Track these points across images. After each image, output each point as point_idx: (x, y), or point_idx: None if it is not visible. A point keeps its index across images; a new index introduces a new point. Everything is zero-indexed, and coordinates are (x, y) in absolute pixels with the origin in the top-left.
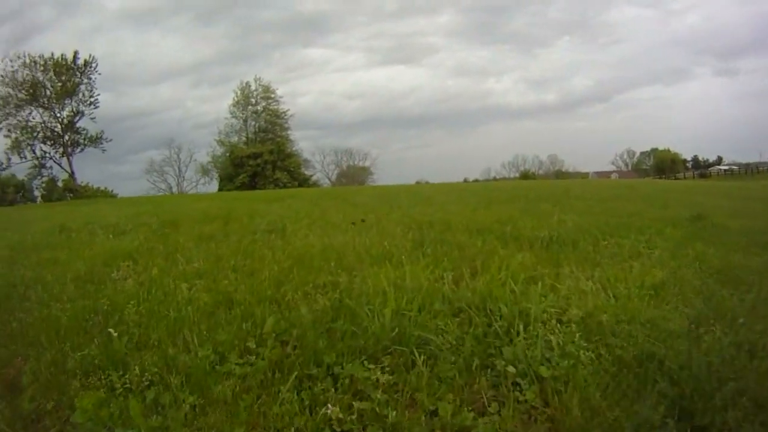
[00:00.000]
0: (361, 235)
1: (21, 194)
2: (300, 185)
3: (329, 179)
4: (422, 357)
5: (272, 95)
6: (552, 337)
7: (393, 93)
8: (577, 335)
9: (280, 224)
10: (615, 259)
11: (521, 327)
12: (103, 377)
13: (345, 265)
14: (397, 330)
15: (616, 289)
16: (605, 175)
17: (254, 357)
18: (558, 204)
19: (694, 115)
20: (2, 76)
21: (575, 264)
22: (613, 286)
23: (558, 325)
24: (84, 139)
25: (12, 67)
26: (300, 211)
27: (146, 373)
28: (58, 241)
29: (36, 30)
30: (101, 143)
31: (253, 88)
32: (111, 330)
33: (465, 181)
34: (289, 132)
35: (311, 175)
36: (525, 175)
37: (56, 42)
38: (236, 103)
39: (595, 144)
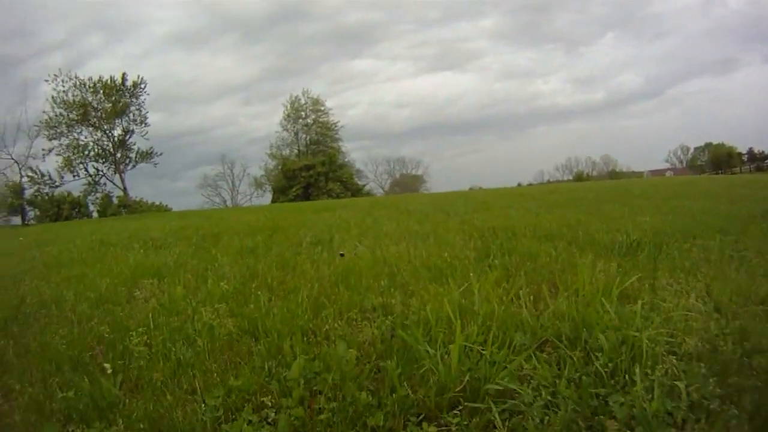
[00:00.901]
0: (417, 246)
1: (77, 210)
2: (353, 195)
3: (382, 188)
4: (503, 415)
5: (321, 108)
6: (678, 384)
7: (441, 100)
8: (711, 380)
9: (327, 235)
10: (710, 265)
11: (631, 365)
12: (83, 428)
13: (398, 283)
14: (468, 376)
15: (727, 305)
16: (659, 173)
17: (273, 413)
18: (624, 205)
19: (746, 105)
20: (54, 98)
21: (668, 273)
22: (723, 302)
23: (676, 361)
24: (135, 156)
25: (63, 89)
26: (350, 221)
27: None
28: (92, 257)
29: (87, 57)
30: (152, 158)
31: (302, 101)
32: (106, 365)
33: (519, 185)
34: (340, 143)
35: (364, 185)
36: (579, 177)
37: (108, 67)
38: (286, 117)
39: (647, 142)
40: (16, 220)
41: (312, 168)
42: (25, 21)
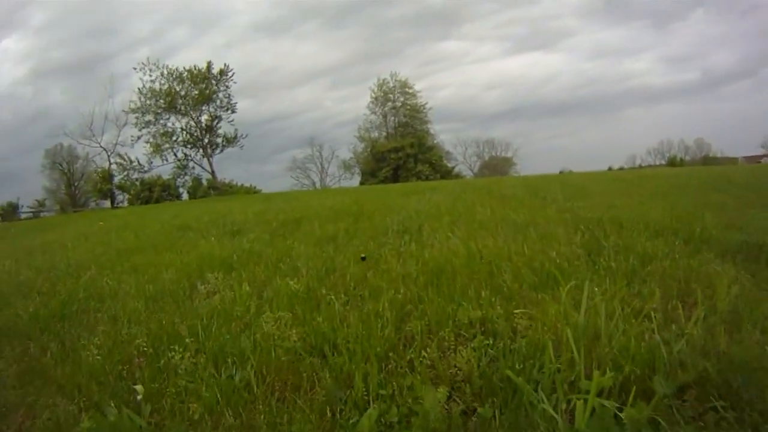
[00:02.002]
0: (517, 238)
1: (167, 192)
2: (442, 177)
3: (471, 171)
4: None
5: (410, 90)
6: None
7: (532, 81)
8: None
9: (415, 222)
10: None
11: None
12: None
13: (497, 286)
14: None
15: None
16: (755, 159)
17: None
18: (730, 195)
19: None
20: (140, 88)
21: None
22: None
23: None
24: (222, 141)
25: (151, 78)
26: (441, 206)
27: None
28: (166, 243)
29: (174, 49)
30: (237, 142)
31: (390, 84)
32: (138, 388)
33: (610, 169)
34: (429, 125)
35: (453, 167)
36: (672, 162)
37: (195, 58)
38: (374, 100)
39: (742, 125)
40: (106, 203)
41: (401, 150)
42: (111, 19)
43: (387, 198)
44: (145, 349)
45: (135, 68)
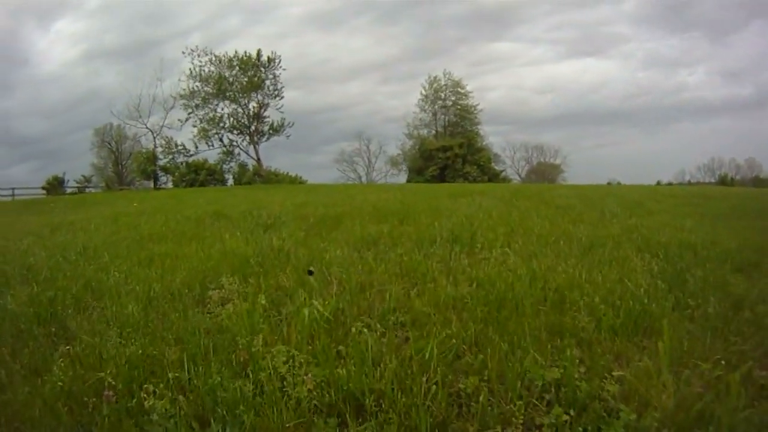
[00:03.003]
0: (584, 261)
1: (212, 177)
2: (490, 180)
3: (519, 175)
4: None
5: (461, 90)
6: None
7: (583, 87)
8: None
9: (467, 230)
10: None
11: None
12: None
13: (570, 327)
14: None
15: None
16: None
17: None
18: None
19: None
20: (190, 71)
21: None
22: None
23: None
24: (268, 129)
25: (200, 63)
26: (492, 212)
27: None
28: (192, 232)
29: (226, 37)
30: (284, 131)
31: (442, 82)
32: None
33: (658, 183)
34: (479, 126)
35: (501, 171)
36: (723, 181)
37: (246, 47)
38: (424, 98)
39: None
40: (150, 184)
41: (449, 149)
42: (165, 5)
43: (434, 199)
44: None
45: (183, 53)
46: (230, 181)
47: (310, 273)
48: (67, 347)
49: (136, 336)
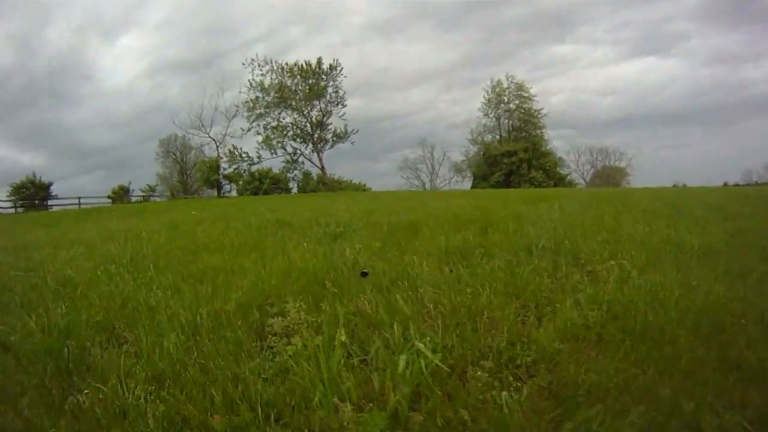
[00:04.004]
0: (713, 273)
1: (276, 185)
2: (555, 185)
3: (584, 179)
4: None
5: (525, 93)
6: None
7: (646, 88)
8: None
9: (560, 237)
10: None
11: None
12: None
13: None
14: None
15: None
16: None
17: None
18: None
19: None
20: (250, 81)
21: None
22: None
23: None
24: (332, 136)
25: (261, 73)
26: (580, 218)
27: None
28: (252, 241)
29: (289, 47)
30: (348, 138)
31: (505, 86)
32: None
33: (725, 185)
34: (543, 130)
35: (567, 174)
36: None
37: (310, 56)
38: (488, 102)
39: None
40: (214, 193)
41: (514, 154)
42: (227, 18)
43: (510, 204)
44: None
45: (244, 64)
46: (294, 190)
47: (364, 275)
48: (77, 398)
49: (172, 386)
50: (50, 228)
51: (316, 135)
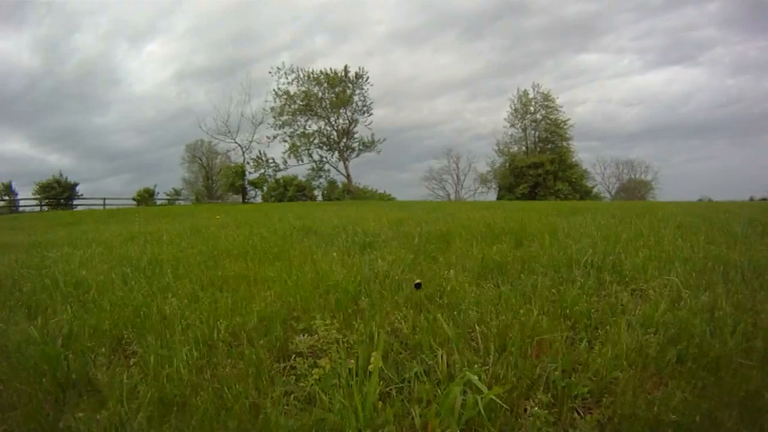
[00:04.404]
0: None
1: (302, 193)
2: (581, 198)
3: (609, 192)
4: None
5: (552, 103)
6: None
7: (672, 98)
8: None
9: (602, 253)
10: None
11: None
12: None
13: None
14: None
15: None
16: None
17: None
18: None
19: None
20: (276, 90)
21: None
22: None
23: None
24: (358, 145)
25: (287, 81)
26: (616, 231)
27: None
28: (277, 248)
29: (314, 56)
30: (374, 147)
31: (531, 95)
32: None
33: (751, 199)
34: (570, 142)
35: (592, 187)
36: None
37: (335, 65)
38: (514, 112)
39: None
40: (238, 198)
41: (540, 166)
42: (252, 27)
43: (543, 216)
44: None
45: (270, 72)
46: (319, 197)
47: (418, 286)
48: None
49: (180, 412)
50: (71, 227)
51: (342, 143)
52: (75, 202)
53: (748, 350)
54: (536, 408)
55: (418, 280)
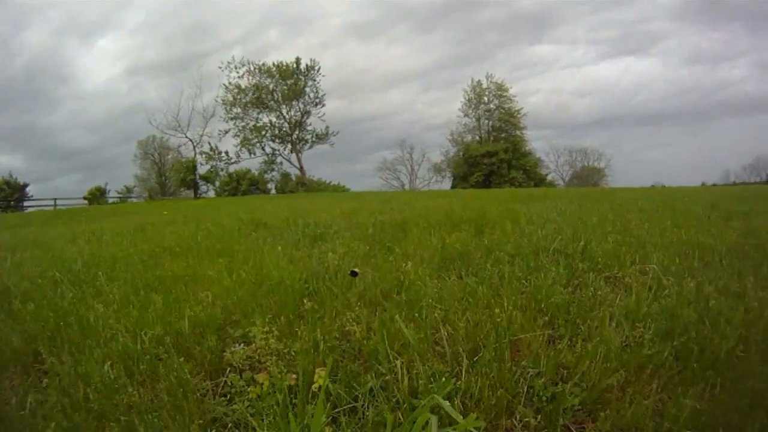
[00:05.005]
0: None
1: (255, 186)
2: (536, 185)
3: (563, 180)
4: None
5: (505, 93)
6: None
7: (624, 88)
8: None
9: (569, 240)
10: None
11: None
12: None
13: None
14: None
15: None
16: None
17: None
18: None
19: None
20: (227, 83)
21: None
22: None
23: None
24: (311, 137)
25: (238, 74)
26: (581, 218)
27: None
28: (222, 243)
29: (267, 49)
30: (328, 139)
31: (484, 85)
32: None
33: (703, 185)
34: (523, 131)
35: (546, 175)
36: None
37: (289, 58)
38: (468, 102)
39: None
40: (191, 194)
41: (494, 155)
42: (204, 21)
43: (500, 203)
44: None
45: (220, 67)
46: (273, 191)
47: (354, 274)
48: None
49: None
50: (16, 229)
51: (294, 135)
52: (25, 203)
53: (745, 341)
54: (521, 430)
55: (355, 269)
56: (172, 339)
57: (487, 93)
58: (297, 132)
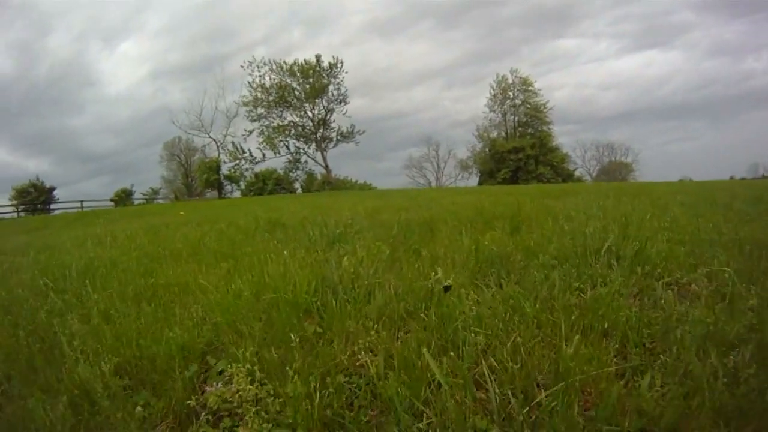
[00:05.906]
0: None
1: (281, 186)
2: (563, 181)
3: (590, 175)
4: None
5: (531, 88)
6: None
7: (649, 81)
8: None
9: (620, 240)
10: None
11: None
12: None
13: None
14: None
15: None
16: None
17: None
18: None
19: None
20: (250, 83)
21: None
22: None
23: None
24: (336, 135)
25: (259, 74)
26: (623, 214)
27: None
28: (231, 245)
29: (290, 49)
30: (353, 137)
31: (510, 81)
32: None
33: (731, 178)
34: (550, 126)
35: (574, 170)
36: None
37: (311, 57)
38: (493, 98)
39: None
40: (214, 194)
41: (521, 151)
42: (227, 23)
43: (533, 200)
44: None
45: (242, 67)
46: (299, 190)
47: (447, 289)
48: None
49: None
50: (34, 233)
51: (318, 133)
52: (52, 206)
53: None
54: None
55: (447, 283)
56: (147, 366)
57: (512, 88)
58: (321, 130)
